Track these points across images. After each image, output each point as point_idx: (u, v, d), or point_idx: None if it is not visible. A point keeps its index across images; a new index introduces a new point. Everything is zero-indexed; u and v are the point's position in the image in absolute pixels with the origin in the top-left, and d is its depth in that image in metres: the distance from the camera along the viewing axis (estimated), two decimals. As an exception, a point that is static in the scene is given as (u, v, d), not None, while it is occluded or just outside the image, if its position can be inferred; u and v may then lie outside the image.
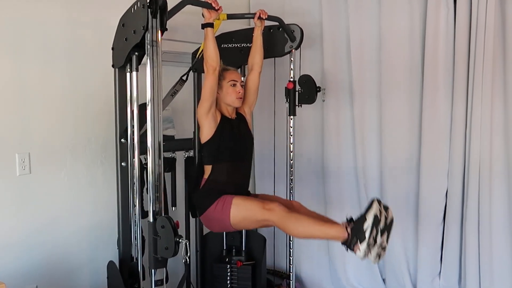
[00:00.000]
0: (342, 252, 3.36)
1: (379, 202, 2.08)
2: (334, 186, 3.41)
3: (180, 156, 2.98)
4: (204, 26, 2.34)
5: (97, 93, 2.75)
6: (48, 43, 2.55)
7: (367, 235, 2.02)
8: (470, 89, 2.82)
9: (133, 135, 2.39)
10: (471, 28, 2.80)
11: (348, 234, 2.08)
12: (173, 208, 2.92)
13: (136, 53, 2.28)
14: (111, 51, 2.44)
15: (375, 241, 2.03)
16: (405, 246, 3.20)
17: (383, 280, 3.39)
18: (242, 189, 2.57)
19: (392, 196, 3.17)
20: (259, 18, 2.53)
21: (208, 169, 2.50)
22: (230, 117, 2.55)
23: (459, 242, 3.00)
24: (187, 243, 2.01)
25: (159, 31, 2.03)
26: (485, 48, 2.72)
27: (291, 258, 2.94)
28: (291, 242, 2.93)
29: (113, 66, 2.46)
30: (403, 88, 3.09)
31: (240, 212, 2.34)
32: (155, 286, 2.14)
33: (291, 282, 2.96)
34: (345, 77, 3.33)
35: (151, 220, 2.09)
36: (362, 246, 2.03)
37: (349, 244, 2.09)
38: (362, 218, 2.06)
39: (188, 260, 2.03)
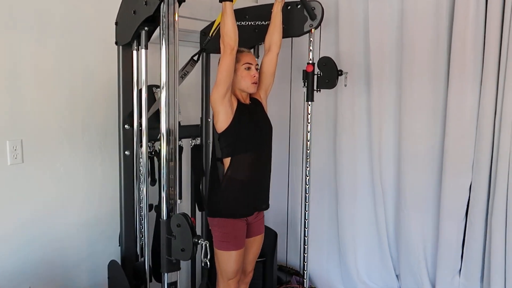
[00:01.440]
0: (353, 247, 3.24)
1: None
2: (347, 178, 3.20)
3: (186, 144, 2.74)
4: None
5: (96, 73, 2.49)
6: (42, 17, 2.26)
7: None
8: (501, 73, 2.59)
9: (141, 120, 2.15)
10: (505, 5, 2.57)
11: None
12: (179, 200, 2.68)
13: (146, 28, 2.02)
14: (114, 26, 2.18)
15: None
16: (424, 242, 3.02)
17: (397, 276, 3.21)
18: (261, 194, 2.39)
19: (411, 189, 2.98)
20: (281, -9, 2.29)
21: (225, 162, 2.26)
22: (245, 103, 2.32)
23: (483, 238, 2.81)
24: (207, 244, 1.77)
25: (177, 2, 1.78)
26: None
27: (305, 255, 2.73)
28: (306, 238, 2.72)
29: (116, 43, 2.20)
30: (426, 72, 2.85)
31: (221, 259, 2.34)
32: (168, 291, 1.91)
33: (305, 280, 2.76)
34: (361, 61, 3.09)
35: (164, 218, 1.86)
36: None
37: None
38: None
39: (208, 263, 1.80)
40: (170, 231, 1.82)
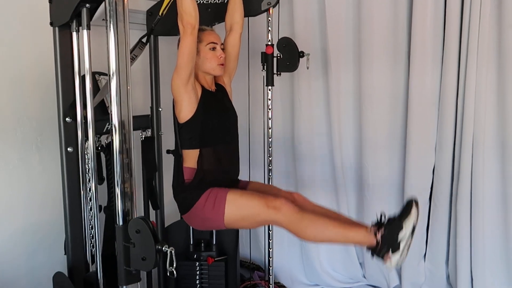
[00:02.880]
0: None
1: (417, 204, 1.76)
2: (306, 166, 3.05)
3: (136, 137, 2.47)
4: (178, -28, 1.84)
5: (27, 59, 2.16)
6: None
7: (402, 245, 1.71)
8: (463, 52, 2.53)
9: (85, 111, 1.88)
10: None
11: (378, 242, 1.74)
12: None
13: (88, 5, 1.75)
14: (47, 4, 1.89)
15: (408, 250, 1.74)
16: (387, 228, 2.94)
17: (361, 264, 3.13)
18: (234, 178, 2.16)
19: (373, 173, 2.89)
20: (237, -34, 2.07)
21: (191, 156, 2.01)
22: (210, 90, 2.09)
23: (447, 221, 2.77)
24: (172, 251, 1.55)
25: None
26: (482, 7, 2.42)
27: (270, 250, 2.56)
28: (270, 233, 2.55)
29: (51, 24, 1.90)
30: (386, 53, 2.76)
31: (237, 210, 1.90)
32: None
33: (270, 277, 2.60)
34: (317, 42, 2.94)
35: (120, 224, 1.62)
36: (395, 257, 1.73)
37: (378, 252, 1.76)
38: (398, 225, 1.73)
39: (174, 273, 1.58)
40: (128, 238, 1.59)
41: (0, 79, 2.08)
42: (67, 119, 1.97)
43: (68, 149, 1.98)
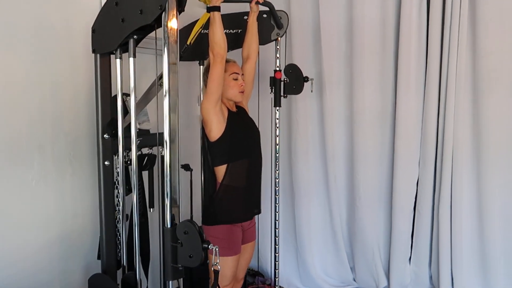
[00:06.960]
0: (309, 244, 3.40)
1: None
2: (302, 179, 3.36)
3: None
4: (210, 9, 2.13)
5: (65, 81, 2.37)
6: (9, 24, 2.12)
7: None
8: (443, 78, 2.91)
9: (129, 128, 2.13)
10: (444, 19, 2.88)
11: None
12: (151, 209, 2.65)
13: (135, 37, 2.01)
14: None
15: None
16: (377, 234, 3.26)
17: (351, 268, 3.42)
18: (255, 199, 2.45)
19: (364, 186, 3.21)
20: (257, 2, 2.37)
21: (220, 171, 2.29)
22: (233, 111, 2.37)
23: (430, 228, 3.12)
24: (217, 249, 1.81)
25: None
26: (459, 39, 2.82)
27: (276, 254, 2.82)
28: (276, 239, 2.81)
29: (93, 51, 2.14)
30: (375, 76, 3.13)
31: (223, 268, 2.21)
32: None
33: (276, 279, 2.86)
34: (312, 67, 3.28)
35: (168, 226, 1.86)
36: None
37: None
38: None
39: (219, 267, 1.83)
40: (176, 238, 1.83)
41: (42, 98, 2.28)
42: (105, 135, 2.20)
43: (106, 162, 2.21)
